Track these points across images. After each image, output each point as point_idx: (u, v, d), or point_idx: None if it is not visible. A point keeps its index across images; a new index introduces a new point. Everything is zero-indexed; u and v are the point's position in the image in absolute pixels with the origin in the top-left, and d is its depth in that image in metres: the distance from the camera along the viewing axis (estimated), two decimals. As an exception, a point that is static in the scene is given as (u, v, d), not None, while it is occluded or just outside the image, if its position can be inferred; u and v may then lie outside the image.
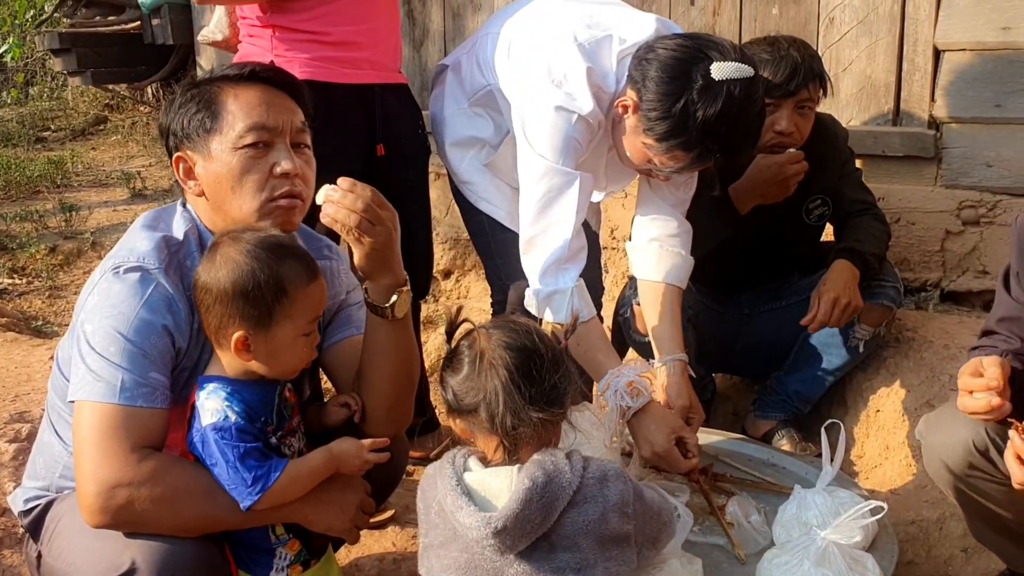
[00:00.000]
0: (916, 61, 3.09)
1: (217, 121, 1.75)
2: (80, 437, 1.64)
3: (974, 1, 2.94)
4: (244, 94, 1.78)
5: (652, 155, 2.20)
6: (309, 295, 1.70)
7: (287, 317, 1.67)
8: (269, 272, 1.65)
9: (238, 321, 1.66)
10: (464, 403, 1.57)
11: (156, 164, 5.84)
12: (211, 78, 1.82)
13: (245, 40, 2.54)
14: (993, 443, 1.88)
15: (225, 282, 1.65)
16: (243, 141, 1.75)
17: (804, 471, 2.34)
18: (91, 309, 1.69)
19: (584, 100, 2.20)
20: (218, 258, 1.67)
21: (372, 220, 1.67)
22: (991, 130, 2.99)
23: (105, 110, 7.14)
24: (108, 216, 4.93)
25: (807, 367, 2.85)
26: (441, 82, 2.68)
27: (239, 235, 1.69)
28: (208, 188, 1.78)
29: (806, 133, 2.65)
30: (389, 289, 1.77)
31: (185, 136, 1.77)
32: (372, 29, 2.52)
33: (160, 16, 5.30)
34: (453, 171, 2.64)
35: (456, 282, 4.12)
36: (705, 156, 2.15)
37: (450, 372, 1.60)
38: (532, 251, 2.32)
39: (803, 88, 2.55)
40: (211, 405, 1.67)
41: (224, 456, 1.64)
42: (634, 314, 2.77)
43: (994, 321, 2.06)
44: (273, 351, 1.69)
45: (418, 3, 4.15)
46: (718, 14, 3.43)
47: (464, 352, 1.59)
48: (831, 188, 2.78)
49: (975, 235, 3.09)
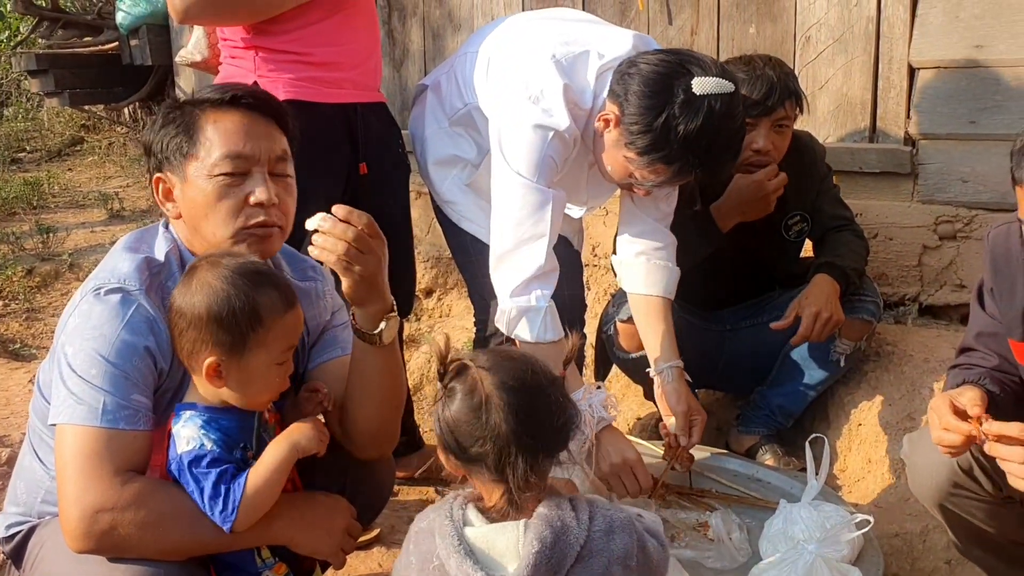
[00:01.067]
0: (891, 79, 3.13)
1: (194, 146, 1.74)
2: (62, 461, 1.62)
3: (947, 20, 2.99)
4: (224, 120, 1.76)
5: (633, 169, 2.21)
6: (284, 324, 1.69)
7: (261, 346, 1.66)
8: (245, 299, 1.63)
9: (211, 347, 1.64)
10: (470, 452, 1.46)
11: (134, 185, 5.81)
12: (193, 100, 1.81)
13: (227, 61, 2.54)
14: (977, 462, 1.90)
15: (200, 307, 1.64)
16: (218, 169, 1.73)
17: (789, 485, 2.35)
18: (72, 331, 1.68)
19: (560, 116, 2.22)
20: (194, 282, 1.66)
21: (362, 249, 1.65)
22: (966, 146, 3.03)
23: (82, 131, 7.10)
24: (86, 237, 4.89)
25: (789, 382, 2.87)
26: (421, 102, 2.69)
27: (218, 260, 1.68)
28: (184, 211, 1.77)
29: (783, 150, 2.68)
30: (377, 316, 1.76)
31: (164, 158, 1.77)
32: (354, 50, 2.53)
33: (138, 37, 5.29)
34: (435, 190, 2.65)
35: (438, 300, 4.12)
36: (686, 170, 2.17)
37: (449, 416, 1.47)
38: (503, 268, 2.31)
39: (779, 106, 2.58)
40: (187, 433, 1.66)
41: (198, 484, 1.63)
42: (617, 331, 2.78)
43: (971, 337, 2.08)
44: (245, 380, 1.68)
45: (398, 23, 4.16)
46: (696, 33, 3.47)
47: (462, 393, 1.47)
48: (809, 205, 2.80)
49: (952, 250, 3.13)
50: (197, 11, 2.40)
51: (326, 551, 1.78)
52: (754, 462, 2.62)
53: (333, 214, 1.65)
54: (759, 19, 3.34)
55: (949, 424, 1.77)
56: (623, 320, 2.73)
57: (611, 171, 2.30)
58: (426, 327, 4.01)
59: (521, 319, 2.28)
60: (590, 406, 2.23)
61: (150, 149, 1.80)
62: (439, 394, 1.50)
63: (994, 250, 1.99)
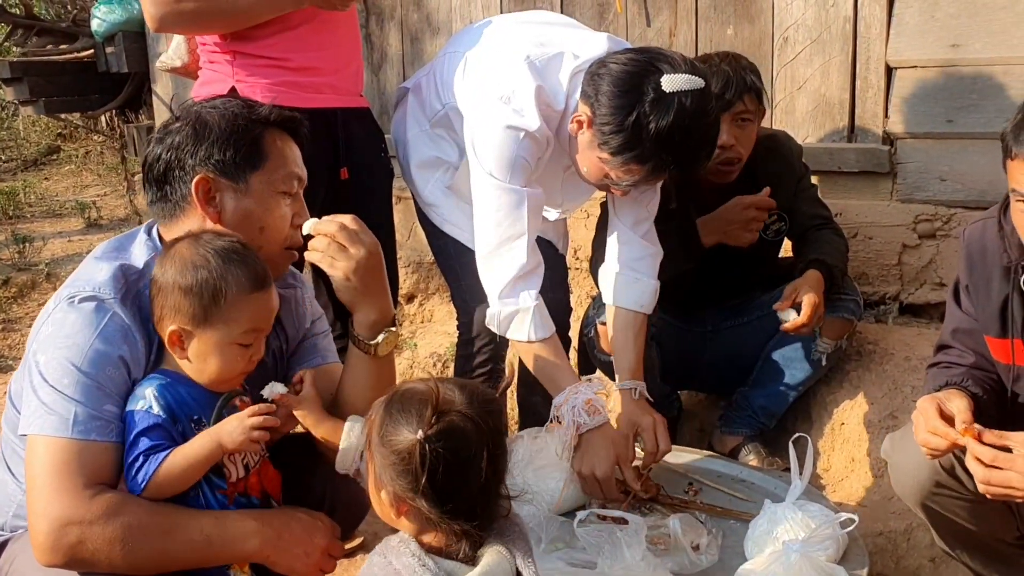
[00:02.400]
0: (869, 79, 3.14)
1: (264, 160, 1.78)
2: (32, 473, 1.60)
3: (924, 19, 3.01)
4: (284, 143, 1.84)
5: (608, 169, 2.21)
6: (250, 303, 1.68)
7: (223, 321, 1.66)
8: (211, 271, 1.65)
9: (174, 315, 1.65)
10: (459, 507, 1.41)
11: (111, 193, 5.77)
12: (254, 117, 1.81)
13: (205, 66, 2.52)
14: (959, 460, 1.90)
15: (169, 274, 1.66)
16: (283, 186, 1.80)
17: (773, 486, 2.35)
18: (44, 340, 1.65)
19: (531, 117, 2.22)
20: (171, 252, 1.68)
21: (347, 242, 1.71)
22: (944, 145, 3.04)
23: (58, 139, 7.05)
24: (63, 247, 4.86)
25: (771, 382, 2.87)
26: (402, 105, 2.68)
27: (199, 236, 1.70)
28: (233, 219, 1.77)
29: (748, 146, 2.69)
30: (375, 326, 1.79)
31: (221, 163, 1.75)
32: (333, 55, 2.52)
33: (114, 44, 5.23)
34: (418, 193, 2.64)
35: (420, 306, 4.10)
36: (660, 168, 2.17)
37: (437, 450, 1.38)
38: (488, 269, 2.34)
39: (738, 100, 2.60)
40: (141, 392, 1.66)
41: (130, 449, 1.63)
42: (598, 333, 2.78)
43: (948, 335, 2.09)
44: (204, 352, 1.67)
45: (376, 27, 4.15)
46: (674, 35, 3.47)
47: (450, 447, 1.38)
48: (787, 204, 2.81)
49: (931, 248, 3.14)
50: (173, 20, 2.39)
51: (302, 570, 1.74)
52: (738, 463, 2.62)
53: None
54: (737, 20, 3.35)
55: (936, 428, 1.78)
56: (603, 323, 2.73)
57: (587, 172, 2.29)
58: (408, 332, 3.99)
59: (512, 321, 2.31)
60: (573, 408, 2.23)
61: (190, 151, 1.76)
62: (425, 430, 1.39)
63: (970, 247, 1.99)
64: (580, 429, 2.23)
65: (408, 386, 1.46)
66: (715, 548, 2.04)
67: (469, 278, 2.51)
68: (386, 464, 1.40)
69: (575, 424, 2.23)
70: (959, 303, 2.05)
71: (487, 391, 1.48)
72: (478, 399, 1.43)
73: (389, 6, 4.11)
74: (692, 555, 1.99)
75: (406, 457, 1.37)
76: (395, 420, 1.40)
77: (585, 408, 2.23)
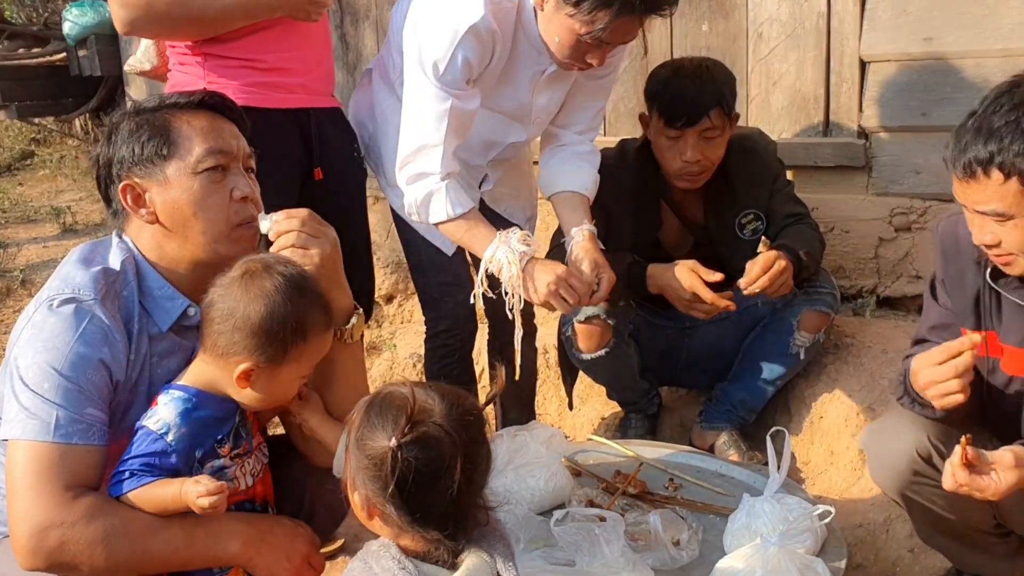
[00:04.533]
0: (843, 73, 3.16)
1: (174, 147, 1.74)
2: (12, 477, 1.59)
3: (896, 13, 3.02)
4: (196, 120, 1.78)
5: (577, 27, 2.22)
6: (324, 342, 1.72)
7: (296, 360, 1.68)
8: (296, 314, 1.64)
9: (251, 353, 1.64)
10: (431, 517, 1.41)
11: (87, 198, 5.70)
12: (158, 106, 1.80)
13: (175, 68, 2.51)
14: (936, 449, 1.92)
15: (253, 313, 1.63)
16: (203, 165, 1.74)
17: (752, 480, 2.36)
18: (24, 344, 1.64)
19: (474, 9, 2.23)
20: (250, 285, 1.64)
21: (312, 233, 1.73)
22: (918, 138, 3.06)
23: (32, 144, 6.96)
24: (38, 253, 4.81)
25: (750, 376, 2.88)
26: (365, 85, 2.71)
27: (271, 264, 1.67)
28: (165, 214, 1.75)
29: (716, 159, 2.69)
30: (343, 312, 1.80)
31: (135, 163, 1.74)
32: (305, 55, 2.51)
33: (86, 47, 5.19)
34: (385, 175, 2.65)
35: (399, 307, 4.09)
36: (627, 9, 2.18)
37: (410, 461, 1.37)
38: (404, 168, 2.37)
39: (703, 117, 2.59)
40: (163, 411, 1.64)
41: (129, 453, 1.63)
42: (575, 332, 2.78)
43: (925, 329, 2.10)
44: (272, 388, 1.69)
45: (351, 27, 4.13)
46: (649, 31, 3.45)
47: (423, 459, 1.38)
48: (763, 204, 2.81)
49: (907, 241, 3.16)
50: (143, 24, 2.38)
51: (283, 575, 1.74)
52: (717, 458, 2.63)
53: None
54: (711, 16, 3.35)
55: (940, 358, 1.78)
56: (580, 321, 2.73)
57: (559, 44, 2.29)
58: (387, 333, 3.98)
59: (427, 204, 2.35)
60: (509, 245, 2.28)
61: (113, 158, 1.76)
62: (398, 438, 1.38)
63: (943, 241, 2.01)
64: (523, 258, 2.28)
65: (390, 389, 1.45)
66: (695, 543, 2.04)
67: (435, 273, 2.52)
68: (359, 467, 1.40)
69: (519, 255, 2.27)
70: (936, 297, 2.07)
71: (469, 401, 1.46)
72: (458, 409, 1.41)
73: (364, 6, 4.10)
74: (672, 550, 2.00)
75: (378, 463, 1.37)
76: (372, 424, 1.40)
77: (521, 240, 2.29)
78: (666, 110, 2.62)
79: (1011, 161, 1.65)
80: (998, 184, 1.67)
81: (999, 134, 1.66)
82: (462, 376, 2.76)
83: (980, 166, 1.68)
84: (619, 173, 2.76)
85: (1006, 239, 1.73)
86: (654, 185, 2.79)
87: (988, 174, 1.67)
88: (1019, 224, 1.70)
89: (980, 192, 1.70)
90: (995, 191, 1.68)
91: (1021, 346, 1.91)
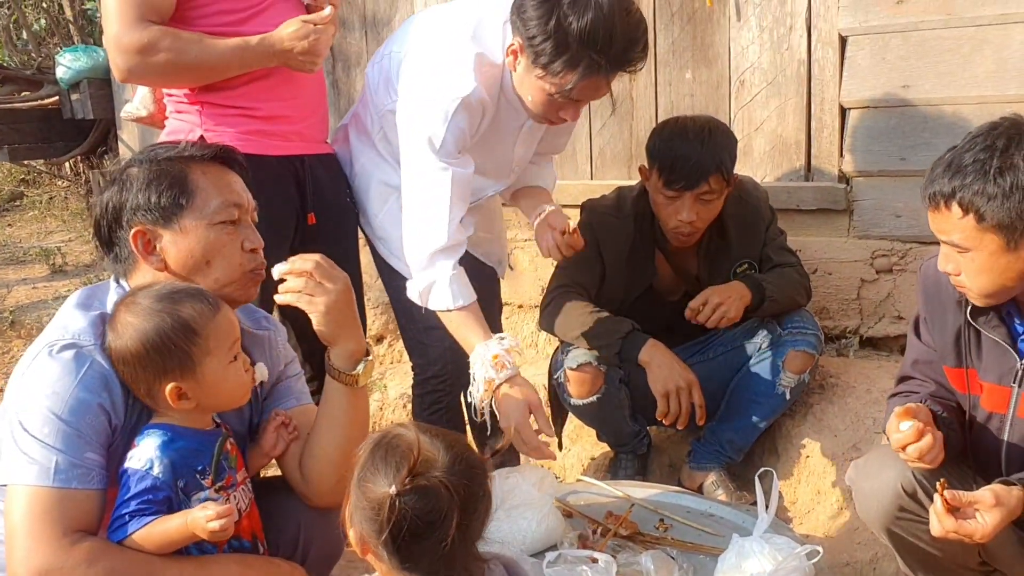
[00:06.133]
0: (824, 119, 3.24)
1: (191, 198, 1.79)
2: (11, 523, 1.60)
3: (875, 61, 3.11)
4: (211, 172, 1.84)
5: (547, 87, 2.30)
6: (219, 326, 1.71)
7: (207, 353, 1.69)
8: (172, 319, 1.66)
9: (163, 376, 1.66)
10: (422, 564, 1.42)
11: (76, 239, 5.73)
12: (174, 156, 1.84)
13: (172, 116, 2.55)
14: (920, 485, 1.95)
15: (134, 344, 1.66)
16: (219, 217, 1.80)
17: (741, 519, 2.38)
18: (24, 390, 1.66)
19: (465, 81, 2.32)
20: (119, 326, 1.68)
21: (323, 278, 1.77)
22: (897, 182, 3.13)
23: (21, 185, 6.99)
24: (27, 294, 4.82)
25: (737, 416, 2.91)
26: (341, 140, 2.78)
27: (132, 299, 1.70)
28: (178, 262, 1.79)
29: (711, 218, 2.75)
30: (354, 356, 1.83)
31: (150, 210, 1.78)
32: (301, 103, 2.56)
33: (79, 91, 5.25)
34: (369, 224, 2.72)
35: (389, 347, 4.12)
36: (592, 69, 2.26)
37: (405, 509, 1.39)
38: (411, 246, 2.42)
39: (702, 182, 2.64)
40: (141, 451, 1.66)
41: (122, 499, 1.64)
42: (567, 378, 2.81)
43: (908, 366, 2.16)
44: (209, 388, 1.70)
45: (342, 73, 4.20)
46: (634, 79, 3.55)
47: (420, 508, 1.38)
48: (756, 253, 2.86)
49: (889, 283, 3.22)
50: (140, 72, 2.41)
51: None
52: (707, 498, 2.65)
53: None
54: (695, 64, 3.44)
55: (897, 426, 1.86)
56: (572, 368, 2.77)
57: (532, 102, 2.38)
58: (377, 374, 4.00)
59: (431, 291, 2.40)
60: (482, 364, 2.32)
61: (123, 205, 1.79)
62: (398, 487, 1.39)
63: (925, 281, 2.08)
64: (490, 385, 2.30)
65: (398, 432, 1.45)
66: (686, 585, 2.06)
67: (421, 318, 2.55)
68: (358, 506, 1.42)
69: (485, 380, 2.30)
70: (919, 335, 2.13)
71: (472, 457, 1.47)
72: (461, 464, 1.42)
73: (355, 52, 4.17)
74: (662, 591, 2.02)
75: (376, 507, 1.39)
76: (375, 467, 1.41)
77: (492, 363, 2.31)
78: (665, 172, 2.67)
79: (969, 199, 1.76)
80: (957, 218, 1.78)
81: (964, 172, 1.77)
82: (450, 426, 2.78)
83: (943, 199, 1.80)
84: (616, 223, 2.82)
85: (964, 270, 1.84)
86: (650, 235, 2.84)
87: (949, 207, 1.79)
88: (975, 258, 1.81)
89: (944, 222, 1.82)
90: (955, 224, 1.79)
91: (1000, 383, 1.96)
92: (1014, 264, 1.79)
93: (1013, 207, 1.73)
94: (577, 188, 3.65)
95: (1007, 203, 1.73)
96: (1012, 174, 1.73)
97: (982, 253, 1.79)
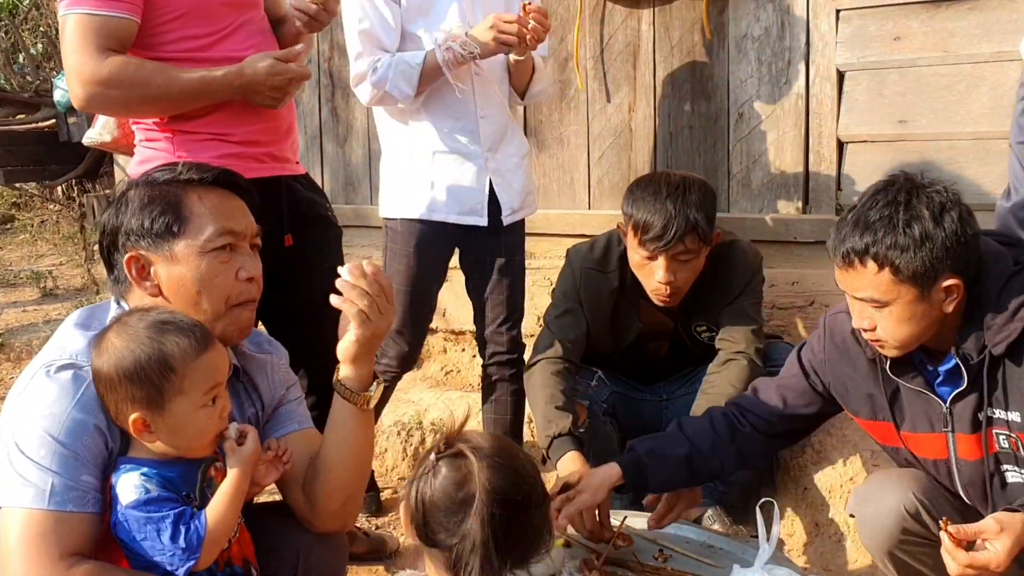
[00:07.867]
0: (821, 152, 3.26)
1: (185, 224, 1.76)
2: (7, 547, 1.58)
3: (872, 97, 3.14)
4: (208, 197, 1.79)
5: None
6: (199, 368, 1.64)
7: (180, 393, 1.63)
8: (151, 351, 1.61)
9: (131, 404, 1.62)
10: (436, 537, 1.44)
11: (67, 263, 5.72)
12: (170, 180, 1.81)
13: (143, 144, 2.46)
14: (922, 504, 1.98)
15: (109, 367, 1.62)
16: (212, 244, 1.76)
17: (741, 551, 2.36)
18: (20, 411, 1.64)
19: None
20: (102, 345, 1.64)
21: (381, 308, 1.72)
22: (894, 216, 3.15)
23: (12, 208, 6.98)
24: (17, 317, 4.79)
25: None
26: None
27: (127, 319, 1.67)
28: (170, 289, 1.76)
29: (691, 278, 2.70)
30: (366, 378, 1.79)
31: (143, 236, 1.76)
32: (274, 126, 2.50)
33: (76, 114, 5.26)
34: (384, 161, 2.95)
35: (381, 371, 4.09)
36: None
37: (427, 496, 1.44)
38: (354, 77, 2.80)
39: (678, 242, 2.59)
40: (128, 484, 1.62)
41: (156, 526, 1.59)
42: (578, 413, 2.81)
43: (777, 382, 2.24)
44: (174, 429, 1.64)
45: (341, 100, 4.21)
46: (633, 111, 3.58)
47: (449, 480, 1.44)
48: (715, 317, 2.82)
49: (885, 315, 3.23)
50: (101, 103, 2.35)
51: None
52: (706, 529, 2.63)
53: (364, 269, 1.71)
54: (694, 97, 3.47)
55: None
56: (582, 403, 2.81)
57: None
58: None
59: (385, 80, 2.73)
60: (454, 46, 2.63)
61: (120, 228, 1.77)
62: (427, 464, 1.46)
63: (833, 338, 2.12)
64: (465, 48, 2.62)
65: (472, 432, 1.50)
66: (686, 614, 2.04)
67: None
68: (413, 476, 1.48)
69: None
70: (805, 372, 2.18)
71: (521, 463, 1.48)
72: (503, 456, 1.45)
73: (354, 80, 4.19)
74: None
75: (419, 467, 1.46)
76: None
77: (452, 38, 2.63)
78: (638, 231, 2.63)
79: (884, 253, 1.80)
80: (873, 273, 1.82)
81: (874, 228, 1.81)
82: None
83: (857, 256, 1.83)
84: (600, 278, 2.82)
85: (881, 324, 1.88)
86: (634, 291, 2.81)
87: (864, 264, 1.83)
88: (893, 311, 1.85)
89: (858, 280, 1.85)
90: (871, 280, 1.83)
91: (933, 430, 1.98)
92: (929, 312, 1.85)
93: (926, 256, 1.79)
94: (574, 218, 3.66)
95: (920, 253, 1.79)
96: (920, 224, 1.79)
97: (899, 304, 1.83)
